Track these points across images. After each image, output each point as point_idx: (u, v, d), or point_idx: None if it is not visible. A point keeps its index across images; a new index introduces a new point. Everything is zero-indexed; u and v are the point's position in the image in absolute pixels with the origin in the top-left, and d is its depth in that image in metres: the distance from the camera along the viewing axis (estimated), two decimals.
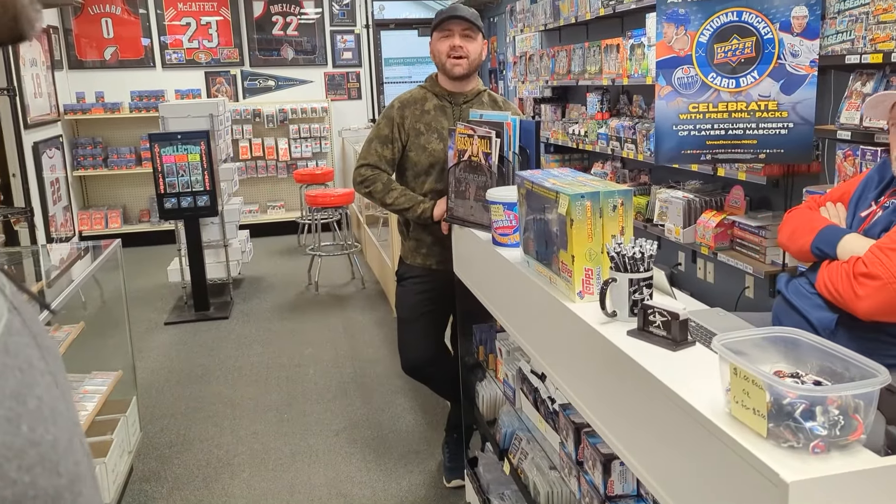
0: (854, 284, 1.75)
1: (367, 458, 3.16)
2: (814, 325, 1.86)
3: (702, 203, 3.44)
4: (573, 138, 4.66)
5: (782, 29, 2.63)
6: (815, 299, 1.93)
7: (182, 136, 4.89)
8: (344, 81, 7.86)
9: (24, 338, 0.40)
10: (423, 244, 2.72)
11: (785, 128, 2.70)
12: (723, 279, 3.64)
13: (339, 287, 5.83)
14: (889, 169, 1.96)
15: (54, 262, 3.23)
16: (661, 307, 1.36)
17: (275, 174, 7.72)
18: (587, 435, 1.72)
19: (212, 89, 7.51)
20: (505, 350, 2.36)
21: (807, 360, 1.11)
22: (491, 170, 2.24)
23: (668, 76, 2.85)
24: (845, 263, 1.80)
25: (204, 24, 7.41)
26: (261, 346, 4.57)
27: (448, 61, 2.60)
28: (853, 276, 1.75)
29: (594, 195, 1.55)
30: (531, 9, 5.32)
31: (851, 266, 1.77)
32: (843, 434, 0.96)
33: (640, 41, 3.69)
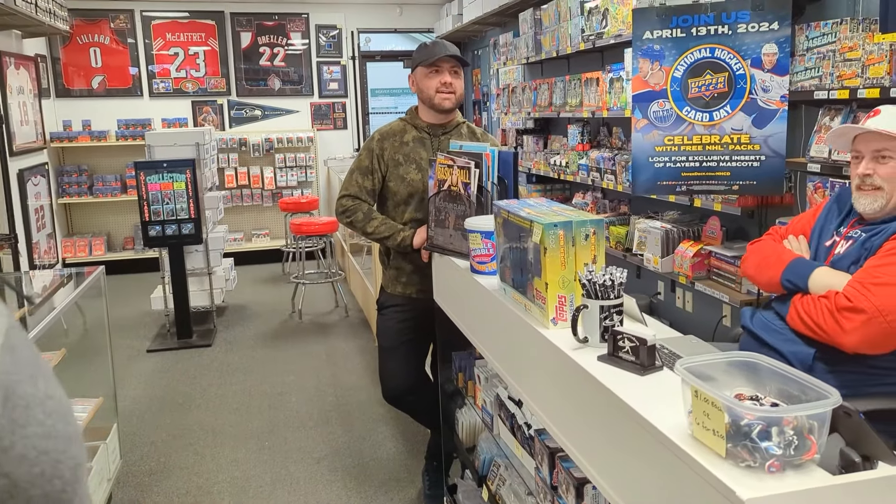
0: (839, 319, 1.76)
1: (347, 486, 3.16)
2: (788, 360, 1.87)
3: (679, 233, 3.51)
4: (555, 169, 4.73)
5: (753, 65, 2.72)
6: (787, 334, 1.94)
7: (168, 164, 4.93)
8: (330, 111, 7.94)
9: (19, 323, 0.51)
10: (402, 273, 2.76)
11: (757, 160, 2.77)
12: (701, 308, 3.70)
13: (322, 315, 5.84)
14: (848, 198, 2.02)
15: (37, 289, 3.23)
16: (630, 333, 1.40)
17: (260, 202, 7.76)
18: (561, 459, 1.75)
19: (199, 118, 7.57)
20: (483, 377, 2.39)
21: (766, 383, 1.16)
22: (470, 199, 2.29)
23: (644, 109, 2.93)
24: (824, 298, 1.82)
25: (192, 54, 7.49)
26: (243, 373, 4.57)
27: (437, 96, 2.67)
28: (836, 311, 1.77)
29: (567, 224, 1.60)
30: (514, 42, 5.43)
31: (833, 301, 1.79)
32: (798, 454, 1.00)
33: (618, 75, 3.78)
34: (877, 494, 0.97)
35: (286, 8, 7.69)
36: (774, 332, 1.98)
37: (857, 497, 0.96)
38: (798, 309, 1.90)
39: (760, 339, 2.02)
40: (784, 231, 2.14)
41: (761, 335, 2.02)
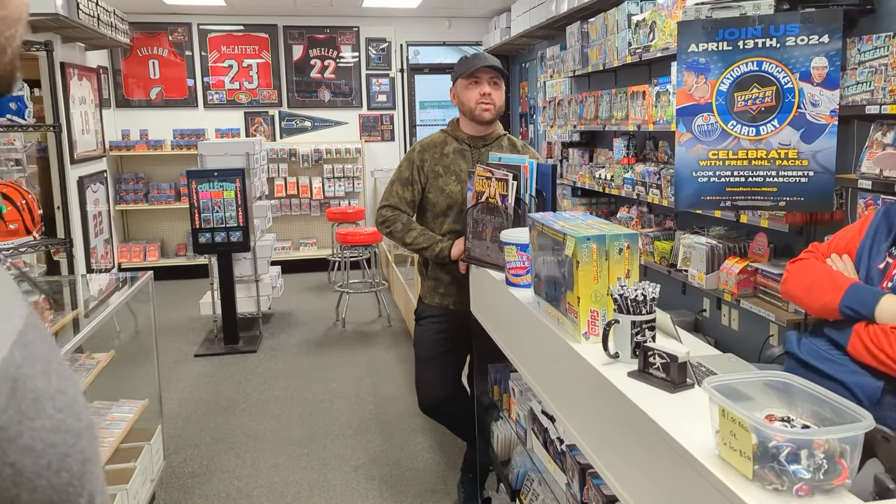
0: None
1: (383, 495, 3.17)
2: (853, 392, 1.77)
3: (725, 249, 3.44)
4: (600, 182, 4.69)
5: (802, 79, 2.66)
6: (848, 364, 1.83)
7: (218, 173, 5.05)
8: (378, 123, 8.04)
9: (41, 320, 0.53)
10: (440, 284, 2.77)
11: (805, 176, 2.71)
12: (747, 327, 3.61)
13: (365, 324, 5.89)
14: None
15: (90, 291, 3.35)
16: (661, 349, 1.38)
17: (308, 212, 7.88)
18: (592, 476, 1.73)
19: (250, 129, 7.74)
20: (518, 390, 2.38)
21: (799, 404, 1.12)
22: (507, 211, 2.30)
23: (689, 123, 2.89)
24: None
25: (245, 67, 7.68)
26: (286, 380, 4.63)
27: (477, 107, 2.69)
28: None
29: (600, 238, 1.59)
30: (561, 55, 5.42)
31: None
32: (828, 478, 0.97)
33: (665, 88, 3.74)
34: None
35: (337, 21, 7.82)
36: (832, 363, 1.88)
37: None
38: (865, 340, 1.79)
39: (813, 368, 1.90)
40: (826, 248, 2.05)
41: (815, 364, 1.92)
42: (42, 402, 0.47)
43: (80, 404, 0.52)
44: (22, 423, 0.45)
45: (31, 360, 0.48)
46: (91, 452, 0.52)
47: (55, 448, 0.47)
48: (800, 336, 2.06)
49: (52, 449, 0.47)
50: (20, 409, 0.45)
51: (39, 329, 0.51)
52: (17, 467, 0.44)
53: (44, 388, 0.48)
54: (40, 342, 0.50)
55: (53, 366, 0.50)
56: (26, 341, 0.48)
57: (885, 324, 1.76)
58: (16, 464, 0.44)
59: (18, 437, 0.44)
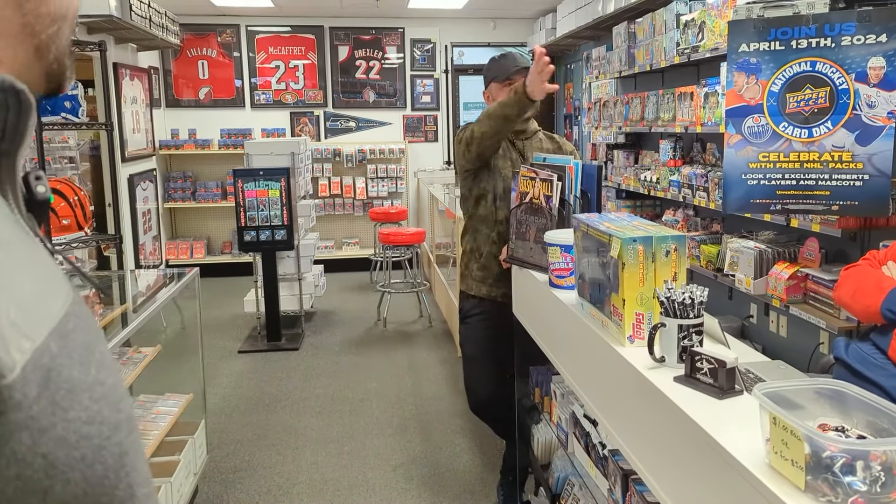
0: None
1: (422, 495, 3.17)
2: (891, 396, 1.74)
3: (774, 254, 3.35)
4: (645, 185, 4.63)
5: (858, 79, 2.58)
6: (890, 368, 1.80)
7: (264, 172, 5.13)
8: (421, 124, 8.06)
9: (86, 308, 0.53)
10: (490, 275, 2.77)
11: (860, 179, 2.62)
12: (796, 334, 3.52)
13: (406, 324, 5.91)
14: None
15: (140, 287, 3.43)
16: (709, 354, 1.35)
17: (351, 212, 7.94)
18: (634, 482, 1.70)
19: (296, 129, 7.84)
20: (560, 393, 2.35)
21: (854, 414, 1.09)
22: (551, 212, 2.27)
23: (738, 125, 2.82)
24: None
25: (292, 67, 7.78)
26: (327, 378, 4.67)
27: None
28: None
29: (647, 240, 1.56)
30: (607, 56, 5.36)
31: None
32: (885, 491, 0.93)
33: (714, 89, 3.66)
34: None
35: (383, 23, 7.87)
36: (874, 367, 1.84)
37: None
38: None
39: (858, 373, 1.88)
40: (882, 256, 2.00)
41: (859, 369, 1.89)
42: (77, 393, 0.47)
43: (119, 395, 0.51)
44: (55, 413, 0.44)
45: (69, 349, 0.47)
46: (129, 445, 0.51)
47: (90, 440, 0.46)
48: (848, 342, 2.02)
49: (87, 441, 0.46)
50: (53, 400, 0.44)
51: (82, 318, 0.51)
52: (49, 459, 0.43)
53: (80, 378, 0.47)
54: (81, 331, 0.49)
55: (94, 356, 0.50)
56: (65, 331, 0.48)
57: None
58: (48, 455, 0.43)
59: (51, 428, 0.44)
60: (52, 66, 0.58)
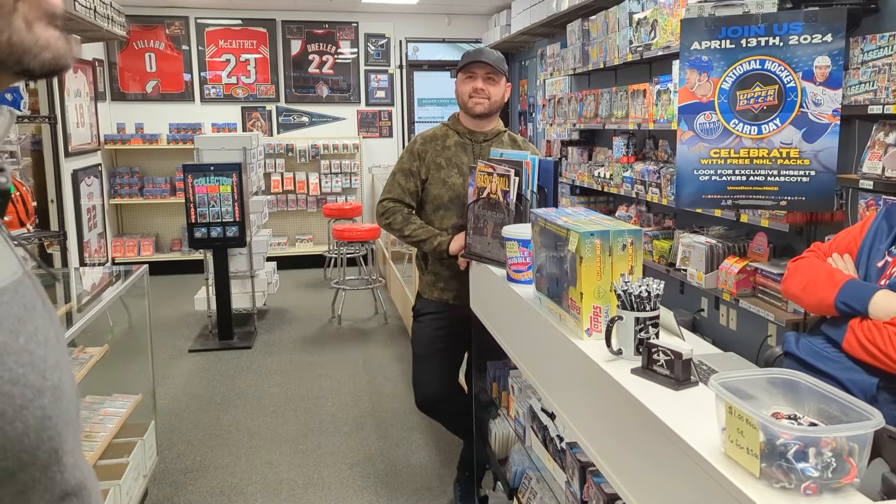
0: None
1: (378, 493, 3.15)
2: (848, 389, 1.76)
3: (725, 249, 3.43)
4: (599, 181, 4.68)
5: (805, 78, 2.65)
6: (844, 361, 1.83)
7: (215, 167, 5.02)
8: (376, 120, 8.02)
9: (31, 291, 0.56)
10: (440, 278, 2.75)
11: (806, 175, 2.69)
12: (745, 327, 3.60)
13: (361, 321, 5.87)
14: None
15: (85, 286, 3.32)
16: (666, 346, 1.36)
17: (305, 208, 7.85)
18: (592, 474, 1.71)
19: (247, 123, 7.71)
20: (517, 387, 2.36)
21: (806, 402, 1.11)
22: (508, 207, 2.28)
23: (691, 121, 2.87)
24: (892, 326, 1.72)
25: (243, 61, 7.64)
26: (281, 376, 4.61)
27: (470, 100, 2.68)
28: None
29: (604, 233, 1.57)
30: (561, 53, 5.40)
31: None
32: (836, 477, 0.95)
33: (666, 87, 3.72)
34: None
35: (336, 17, 7.79)
36: (828, 360, 1.88)
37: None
38: (859, 336, 1.79)
39: (811, 367, 1.90)
40: (827, 248, 2.05)
41: (812, 362, 1.92)
42: (3, 356, 0.50)
43: (48, 366, 0.54)
44: None
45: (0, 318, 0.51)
46: (54, 412, 0.54)
47: (12, 399, 0.50)
48: (798, 336, 2.06)
49: (9, 399, 0.50)
50: None
51: (21, 295, 0.54)
52: None
53: (7, 343, 0.51)
54: (16, 305, 0.53)
55: (27, 328, 0.53)
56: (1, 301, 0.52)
57: (878, 319, 1.76)
58: None
59: None
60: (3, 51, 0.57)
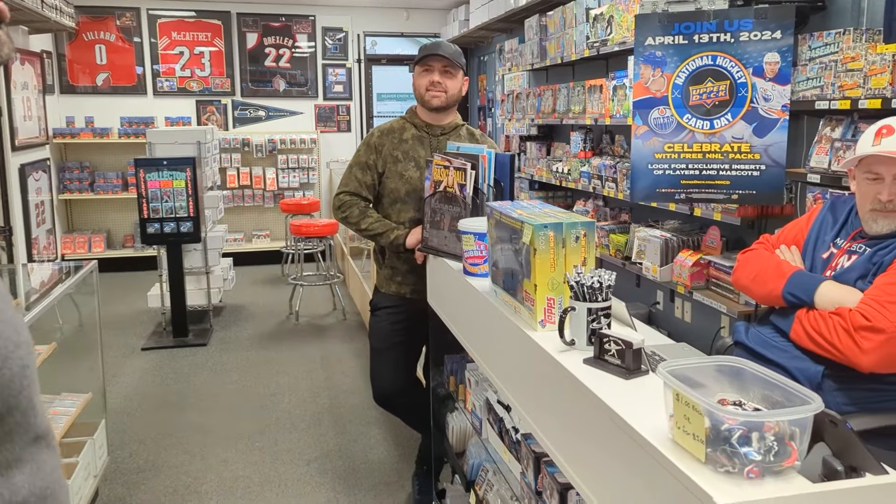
0: (856, 338, 1.70)
1: (336, 489, 3.13)
2: (795, 377, 1.80)
3: (679, 242, 3.48)
4: (557, 176, 4.71)
5: (755, 74, 2.70)
6: (791, 350, 1.89)
7: (168, 161, 4.92)
8: (334, 114, 7.95)
9: None
10: (397, 272, 2.74)
11: (757, 170, 2.75)
12: (699, 318, 3.67)
13: (319, 317, 5.82)
14: (844, 209, 1.99)
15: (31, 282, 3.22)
16: (617, 336, 1.37)
17: (261, 203, 7.75)
18: (546, 464, 1.72)
19: (202, 117, 7.58)
20: (474, 380, 2.36)
21: (750, 389, 1.13)
22: (465, 201, 2.27)
23: (645, 116, 2.91)
24: (836, 316, 1.77)
25: (197, 54, 7.51)
26: (237, 373, 4.55)
27: (427, 94, 2.67)
28: (854, 330, 1.71)
29: (557, 226, 1.57)
30: (519, 48, 5.42)
31: (848, 319, 1.73)
32: (778, 460, 0.97)
33: (622, 82, 3.76)
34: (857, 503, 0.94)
35: (293, 10, 7.70)
36: (776, 349, 1.92)
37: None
38: (805, 326, 1.83)
39: (760, 356, 1.94)
40: (775, 240, 2.10)
41: (761, 351, 1.96)
42: None
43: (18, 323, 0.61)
44: None
45: None
46: (30, 361, 0.61)
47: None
48: (748, 326, 2.11)
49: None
50: None
51: None
52: None
53: None
54: None
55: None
56: None
57: (824, 309, 1.81)
58: None
59: None
60: None
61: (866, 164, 1.86)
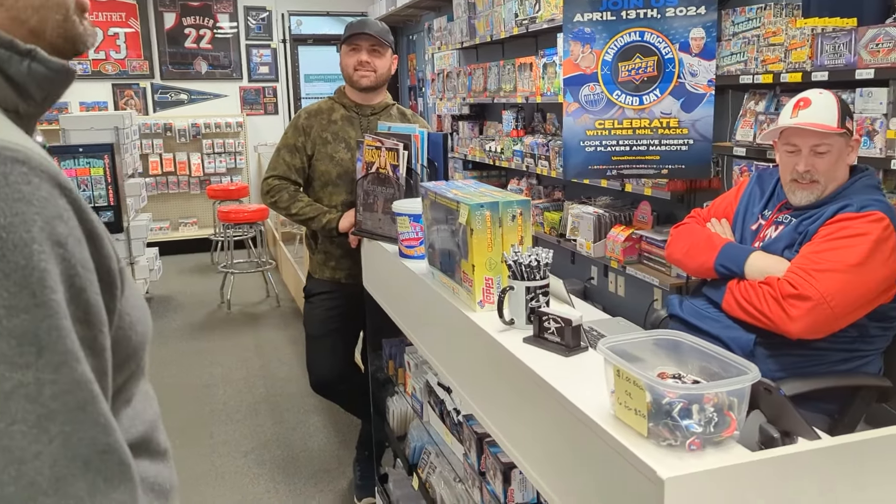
0: (785, 306, 1.74)
1: (276, 479, 3.07)
2: (728, 346, 1.84)
3: (611, 218, 3.53)
4: (490, 155, 4.71)
5: (682, 49, 2.74)
6: (724, 320, 1.93)
7: (84, 148, 4.70)
8: (260, 96, 7.74)
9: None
10: (331, 257, 2.69)
11: (685, 144, 2.80)
12: (633, 292, 3.73)
13: (252, 305, 5.69)
14: (769, 181, 2.04)
15: None
16: (555, 314, 1.37)
17: (187, 190, 7.50)
18: (489, 445, 1.72)
19: (120, 102, 7.26)
20: (413, 363, 2.34)
21: (688, 361, 1.14)
22: (399, 182, 2.23)
23: (576, 93, 2.91)
24: (766, 285, 1.81)
25: (111, 35, 7.17)
26: (168, 366, 4.40)
27: (355, 73, 2.60)
28: (782, 298, 1.75)
29: (493, 205, 1.55)
30: (448, 27, 5.37)
31: (777, 288, 1.77)
32: (718, 431, 0.98)
33: (552, 60, 3.77)
34: (794, 469, 0.96)
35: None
36: (709, 320, 1.97)
37: (775, 472, 0.95)
38: (737, 296, 1.87)
39: (694, 327, 1.98)
40: (706, 213, 2.14)
41: (695, 323, 2.00)
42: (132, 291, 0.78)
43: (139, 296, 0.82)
44: None
45: None
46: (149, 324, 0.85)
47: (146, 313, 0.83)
48: (681, 298, 2.15)
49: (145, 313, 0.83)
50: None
51: None
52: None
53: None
54: None
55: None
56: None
57: (753, 279, 1.86)
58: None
59: None
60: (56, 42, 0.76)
61: (785, 136, 1.91)
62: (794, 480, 0.96)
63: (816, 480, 0.97)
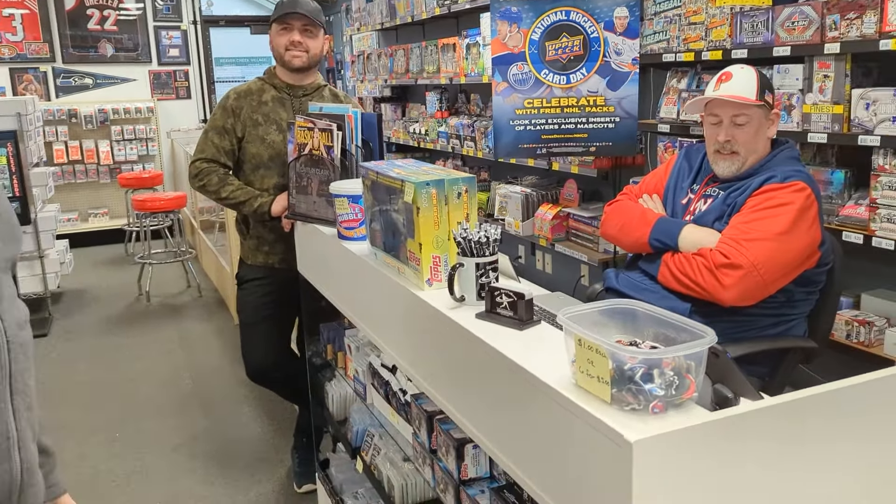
0: (718, 275, 1.81)
1: (209, 472, 3.00)
2: None
3: (539, 197, 3.59)
4: (414, 137, 4.69)
5: (606, 28, 2.79)
6: (660, 291, 1.98)
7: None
8: (171, 80, 7.44)
9: None
10: (264, 242, 2.62)
11: (612, 122, 2.87)
12: (560, 269, 3.82)
13: (173, 296, 5.50)
14: (696, 156, 2.11)
15: None
16: (508, 289, 1.38)
17: (96, 179, 7.16)
18: (440, 422, 1.72)
19: (18, 87, 6.83)
20: (354, 346, 2.32)
21: (644, 328, 1.17)
22: (333, 163, 2.19)
23: (504, 72, 2.93)
24: (699, 256, 1.86)
25: (6, 16, 6.72)
26: (86, 363, 4.21)
27: (286, 53, 2.53)
28: (714, 268, 1.81)
29: (439, 183, 1.55)
30: (367, 8, 5.30)
31: (709, 258, 1.83)
32: (678, 393, 1.01)
33: (475, 40, 3.78)
34: (748, 427, 1.00)
35: None
36: (646, 291, 2.02)
37: (731, 430, 0.99)
38: (671, 268, 1.93)
39: (632, 299, 2.04)
40: (638, 190, 2.20)
41: (632, 295, 2.05)
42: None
43: None
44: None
45: None
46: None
47: None
48: (617, 272, 2.20)
49: None
50: None
51: None
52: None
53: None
54: None
55: None
56: None
57: (687, 251, 1.93)
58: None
59: None
60: None
61: (709, 108, 1.99)
62: (745, 439, 1.00)
63: (763, 437, 1.02)
